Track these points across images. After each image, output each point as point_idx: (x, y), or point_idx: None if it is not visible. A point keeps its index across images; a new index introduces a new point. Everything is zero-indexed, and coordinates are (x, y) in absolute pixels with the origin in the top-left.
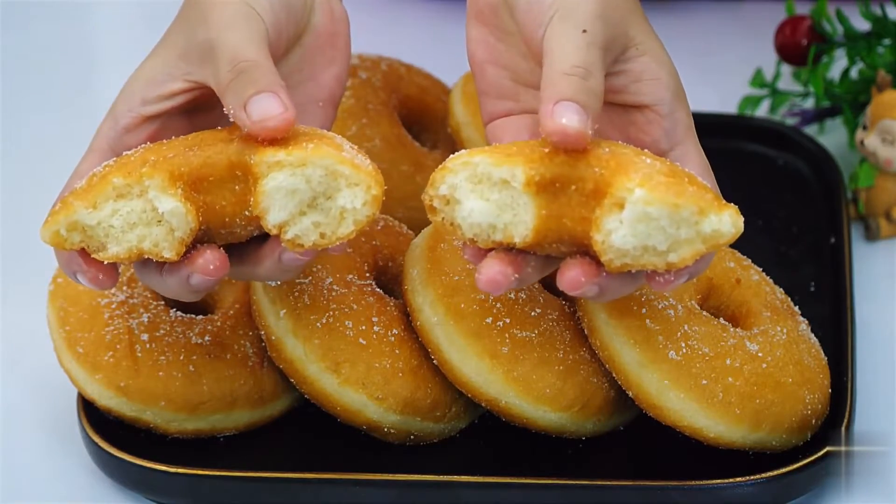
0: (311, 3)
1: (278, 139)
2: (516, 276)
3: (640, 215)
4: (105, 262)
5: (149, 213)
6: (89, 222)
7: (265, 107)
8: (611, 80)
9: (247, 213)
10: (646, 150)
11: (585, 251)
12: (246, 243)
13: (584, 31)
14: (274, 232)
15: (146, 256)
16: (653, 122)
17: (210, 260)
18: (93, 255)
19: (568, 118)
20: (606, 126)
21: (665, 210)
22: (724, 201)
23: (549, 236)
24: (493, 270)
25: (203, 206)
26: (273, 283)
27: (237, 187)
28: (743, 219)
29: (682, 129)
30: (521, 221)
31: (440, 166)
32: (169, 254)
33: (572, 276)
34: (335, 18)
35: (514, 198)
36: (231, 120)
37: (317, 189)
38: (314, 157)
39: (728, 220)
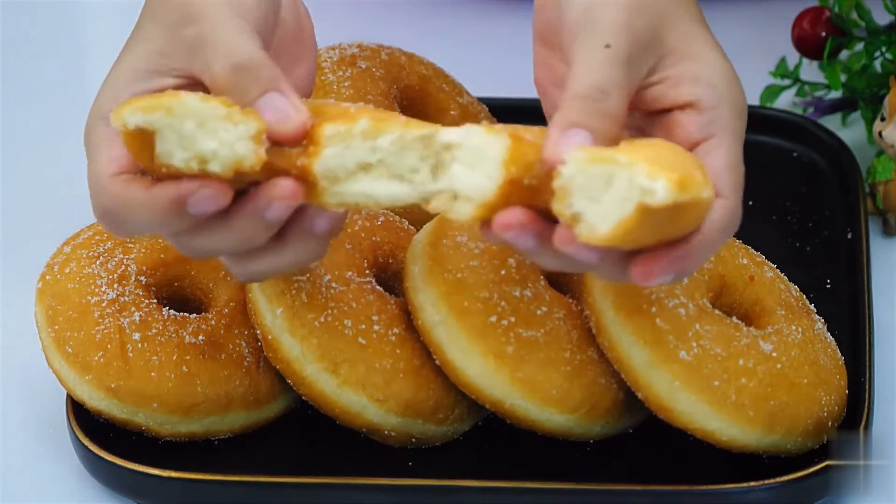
0: None
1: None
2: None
3: (579, 165)
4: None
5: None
6: (188, 112)
7: (277, 107)
8: (650, 90)
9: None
10: (661, 140)
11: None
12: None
13: (608, 45)
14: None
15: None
16: (691, 117)
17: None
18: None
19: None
20: (651, 130)
21: (599, 166)
22: (691, 174)
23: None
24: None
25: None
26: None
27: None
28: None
29: (720, 124)
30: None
31: None
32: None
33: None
34: (300, 13)
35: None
36: None
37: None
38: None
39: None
